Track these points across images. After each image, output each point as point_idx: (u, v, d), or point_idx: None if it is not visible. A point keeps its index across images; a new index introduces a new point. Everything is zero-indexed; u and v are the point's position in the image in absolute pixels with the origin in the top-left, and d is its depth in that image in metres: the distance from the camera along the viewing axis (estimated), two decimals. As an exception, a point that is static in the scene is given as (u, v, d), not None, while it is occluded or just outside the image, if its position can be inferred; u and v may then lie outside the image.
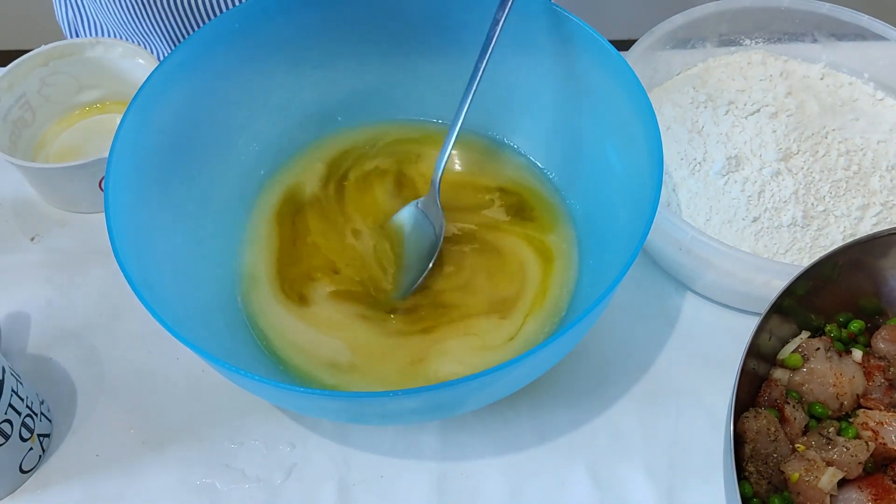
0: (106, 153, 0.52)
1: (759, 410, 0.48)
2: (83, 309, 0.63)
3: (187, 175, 0.58)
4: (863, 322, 0.53)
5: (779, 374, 0.51)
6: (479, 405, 0.52)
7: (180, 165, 0.58)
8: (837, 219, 0.59)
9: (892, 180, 0.61)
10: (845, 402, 0.49)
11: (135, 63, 0.70)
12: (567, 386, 0.58)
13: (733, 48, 0.72)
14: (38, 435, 0.55)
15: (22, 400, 0.53)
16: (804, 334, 0.52)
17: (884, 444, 0.47)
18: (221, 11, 0.73)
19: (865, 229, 0.59)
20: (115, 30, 0.80)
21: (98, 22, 0.82)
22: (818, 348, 0.50)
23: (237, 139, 0.62)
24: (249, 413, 0.57)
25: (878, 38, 0.67)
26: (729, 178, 0.61)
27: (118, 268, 0.46)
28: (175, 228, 0.56)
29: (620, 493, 0.54)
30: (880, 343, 0.51)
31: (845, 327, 0.53)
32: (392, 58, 0.65)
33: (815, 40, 0.71)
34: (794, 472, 0.46)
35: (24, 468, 0.54)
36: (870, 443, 0.46)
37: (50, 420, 0.57)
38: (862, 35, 0.69)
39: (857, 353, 0.51)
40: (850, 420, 0.49)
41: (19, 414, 0.52)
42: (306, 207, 0.63)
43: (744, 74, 0.68)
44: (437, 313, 0.57)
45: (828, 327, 0.53)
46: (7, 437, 0.51)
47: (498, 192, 0.64)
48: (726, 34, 0.71)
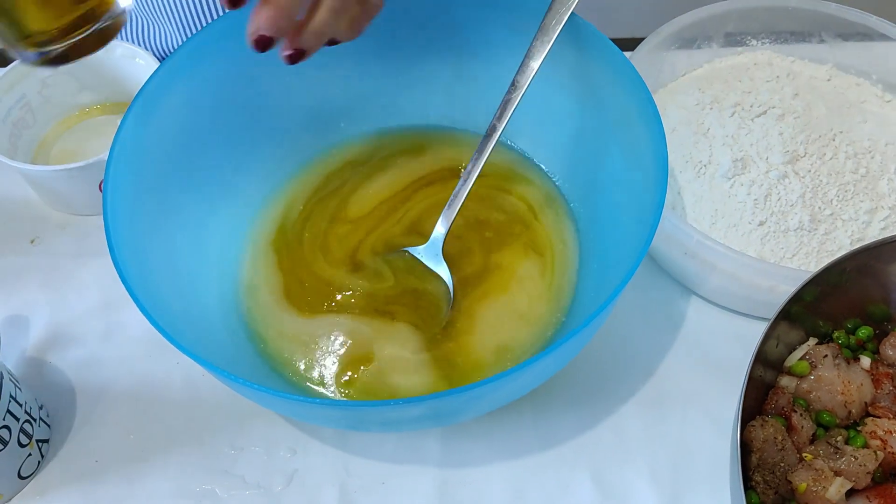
0: (106, 155, 0.52)
1: (766, 419, 0.47)
2: (82, 312, 0.62)
3: (188, 178, 0.58)
4: (871, 329, 0.52)
5: (786, 381, 0.50)
6: (480, 413, 0.52)
7: (181, 169, 0.57)
8: (845, 223, 0.58)
9: (900, 183, 0.60)
10: (853, 410, 0.49)
11: (134, 64, 0.69)
12: (570, 390, 0.58)
13: (739, 49, 0.71)
14: (37, 440, 0.54)
15: (20, 405, 0.52)
16: (812, 341, 0.52)
17: (892, 452, 0.46)
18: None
19: (873, 234, 0.58)
20: (142, 14, 0.77)
21: None
22: (826, 355, 0.49)
23: (238, 143, 0.61)
24: (250, 418, 0.57)
25: (886, 38, 0.66)
26: (735, 181, 0.60)
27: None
28: (175, 232, 0.56)
29: (624, 500, 0.53)
30: (889, 350, 0.50)
31: (853, 334, 0.53)
32: (396, 60, 0.64)
33: (822, 40, 0.70)
34: (802, 482, 0.45)
35: (22, 474, 0.53)
36: (878, 452, 0.46)
37: (49, 425, 0.56)
38: (869, 35, 0.68)
39: (866, 361, 0.50)
40: (859, 428, 0.48)
41: (17, 419, 0.52)
42: (310, 215, 0.63)
43: (750, 75, 0.67)
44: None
45: (836, 334, 0.52)
46: (5, 443, 0.51)
47: (499, 194, 0.64)
48: (732, 34, 0.70)
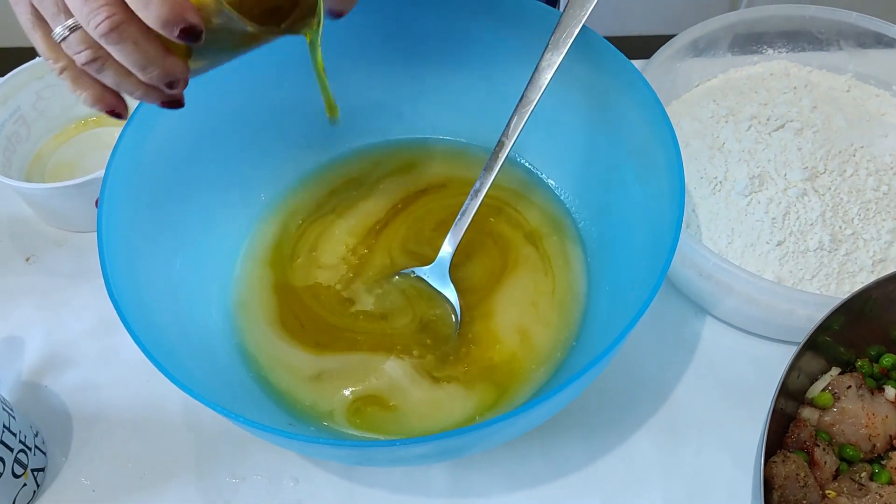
0: (103, 169, 0.50)
1: (788, 454, 0.45)
2: (79, 334, 0.61)
3: (186, 197, 0.56)
4: (895, 356, 0.50)
5: (807, 413, 0.48)
6: (488, 448, 0.50)
7: (178, 187, 0.55)
8: (866, 242, 0.56)
9: (923, 201, 0.58)
10: (878, 444, 0.47)
11: (132, 76, 0.67)
12: (581, 417, 0.56)
13: (755, 58, 0.69)
14: (32, 470, 0.52)
15: (14, 435, 0.51)
16: (834, 370, 0.50)
17: (919, 490, 0.44)
18: None
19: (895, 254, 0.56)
20: None
21: None
22: (849, 386, 0.47)
23: (238, 160, 0.60)
24: (251, 445, 0.55)
25: (907, 47, 0.64)
26: (752, 199, 0.58)
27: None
28: (172, 253, 0.54)
29: (638, 533, 0.51)
30: (915, 380, 0.49)
31: (877, 361, 0.51)
32: (399, 74, 0.63)
33: (841, 48, 0.68)
34: (825, 520, 0.43)
35: (17, 505, 0.52)
36: (905, 489, 0.44)
37: (45, 453, 0.55)
38: (889, 43, 0.66)
39: (891, 391, 0.48)
40: (883, 462, 0.47)
41: (11, 450, 0.50)
42: (307, 236, 0.61)
43: (767, 86, 0.65)
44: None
45: (859, 363, 0.50)
46: (-1, 476, 0.49)
47: (508, 211, 0.62)
48: (748, 43, 0.68)
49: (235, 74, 0.56)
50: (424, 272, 0.56)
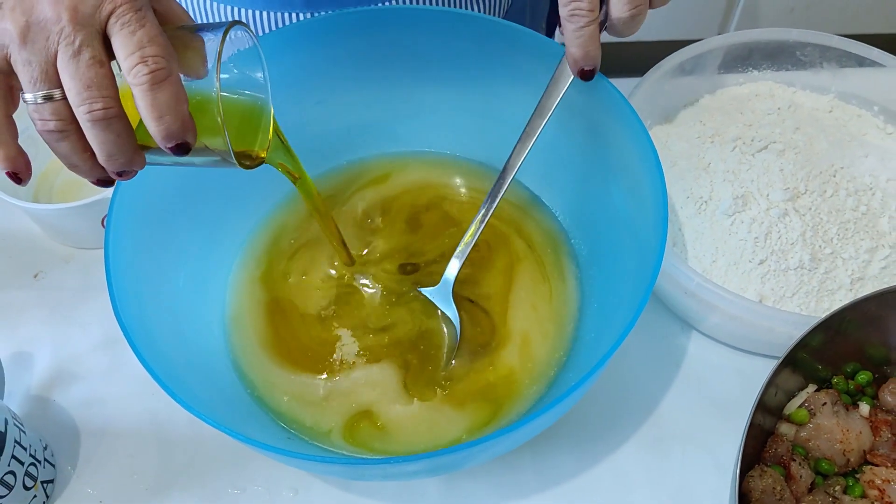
0: (110, 192, 0.52)
1: (765, 469, 0.47)
2: (85, 349, 0.63)
3: (192, 216, 0.58)
4: (870, 373, 0.52)
5: (784, 428, 0.50)
6: (480, 463, 0.52)
7: (185, 206, 0.57)
8: (845, 261, 0.58)
9: (901, 221, 0.60)
10: (852, 459, 0.49)
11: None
12: (571, 430, 0.58)
13: (741, 78, 0.71)
14: (42, 481, 0.55)
15: (25, 449, 0.53)
16: (810, 388, 0.52)
17: (890, 502, 0.46)
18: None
19: (874, 273, 0.58)
20: None
21: None
22: (825, 403, 0.49)
23: (243, 179, 0.61)
24: (252, 458, 0.57)
25: (889, 67, 0.66)
26: (735, 219, 0.60)
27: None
28: (174, 272, 0.56)
29: (624, 542, 0.54)
30: (888, 396, 0.50)
31: (852, 378, 0.53)
32: (395, 91, 0.65)
33: (823, 69, 0.70)
34: (800, 532, 0.45)
35: (27, 516, 0.54)
36: (876, 502, 0.46)
37: (53, 465, 0.57)
38: (871, 65, 0.68)
39: (865, 408, 0.50)
40: (857, 476, 0.49)
41: (22, 464, 0.52)
42: (299, 255, 0.63)
43: (751, 107, 0.67)
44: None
45: (835, 380, 0.52)
46: (10, 488, 0.51)
47: (504, 229, 0.64)
48: (734, 65, 0.70)
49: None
50: (430, 293, 0.58)
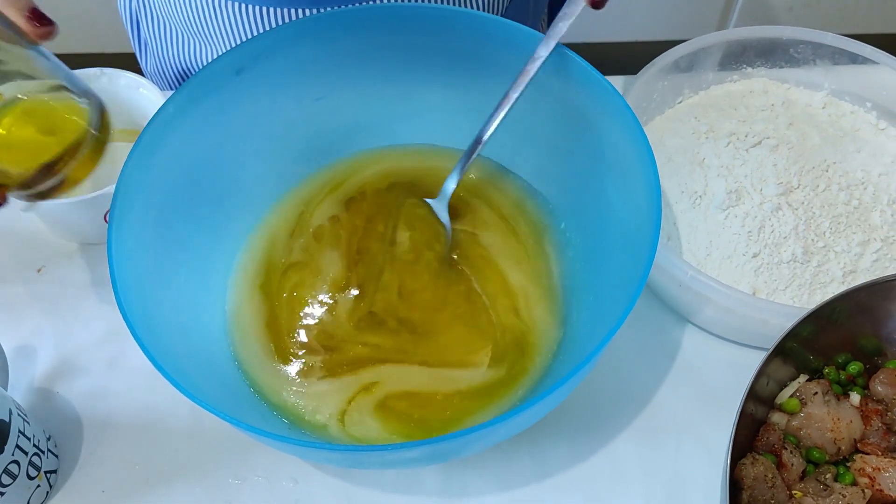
0: (113, 182, 0.53)
1: (757, 456, 0.48)
2: (88, 342, 0.63)
3: (193, 211, 0.59)
4: (861, 364, 0.53)
5: (776, 417, 0.51)
6: (478, 451, 0.53)
7: (186, 202, 0.58)
8: (837, 255, 0.59)
9: (892, 215, 0.61)
10: (843, 447, 0.50)
11: (138, 94, 0.70)
12: (567, 420, 0.59)
13: (736, 75, 0.72)
14: (45, 472, 0.55)
15: (28, 439, 0.53)
16: (802, 377, 0.53)
17: (880, 490, 0.47)
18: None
19: (865, 266, 0.59)
20: (179, 27, 0.78)
21: (161, 18, 0.80)
22: (816, 392, 0.50)
23: (243, 175, 0.63)
24: (252, 449, 0.58)
25: (881, 64, 0.67)
26: (729, 213, 0.61)
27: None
28: (176, 266, 0.57)
29: (620, 531, 0.54)
30: (878, 386, 0.51)
31: (843, 369, 0.53)
32: (395, 86, 0.65)
33: (817, 66, 0.70)
34: (791, 519, 0.46)
35: (31, 506, 0.55)
36: (866, 490, 0.47)
37: (57, 456, 0.58)
38: (863, 62, 0.68)
39: (855, 397, 0.51)
40: (847, 464, 0.49)
41: (26, 453, 0.53)
42: (291, 252, 0.63)
43: (745, 104, 0.68)
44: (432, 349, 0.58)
45: (826, 370, 0.53)
46: (14, 477, 0.52)
47: (497, 219, 0.65)
48: (729, 62, 0.71)
49: (236, 94, 0.59)
50: (432, 203, 0.61)
